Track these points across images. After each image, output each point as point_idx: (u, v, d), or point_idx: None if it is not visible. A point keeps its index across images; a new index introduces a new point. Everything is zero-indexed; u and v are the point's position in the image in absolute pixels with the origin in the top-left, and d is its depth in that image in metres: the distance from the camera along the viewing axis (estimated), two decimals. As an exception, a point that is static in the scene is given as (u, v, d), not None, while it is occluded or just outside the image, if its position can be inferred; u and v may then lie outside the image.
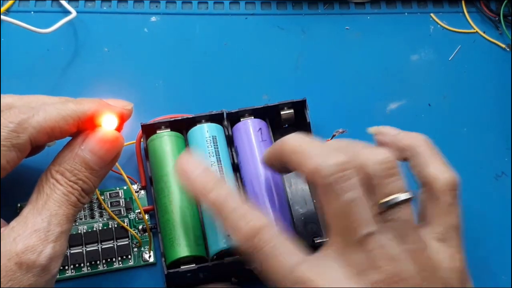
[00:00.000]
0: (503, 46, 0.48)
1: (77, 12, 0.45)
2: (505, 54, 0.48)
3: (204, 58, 0.46)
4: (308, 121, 0.40)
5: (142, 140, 0.39)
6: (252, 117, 0.40)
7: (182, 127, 0.39)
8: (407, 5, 0.49)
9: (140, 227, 0.38)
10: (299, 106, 0.40)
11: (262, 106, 0.40)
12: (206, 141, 0.38)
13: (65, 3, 0.46)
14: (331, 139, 0.39)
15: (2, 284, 0.28)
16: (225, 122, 0.40)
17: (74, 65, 0.44)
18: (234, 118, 0.40)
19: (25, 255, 0.28)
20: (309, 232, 0.38)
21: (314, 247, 0.33)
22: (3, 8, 0.45)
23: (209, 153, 0.38)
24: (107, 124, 0.32)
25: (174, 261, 0.34)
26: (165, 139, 0.38)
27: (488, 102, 0.45)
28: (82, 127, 0.32)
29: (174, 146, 0.38)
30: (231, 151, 0.39)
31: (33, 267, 0.28)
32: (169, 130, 0.39)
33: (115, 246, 0.37)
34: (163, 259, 0.35)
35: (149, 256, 0.37)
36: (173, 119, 0.39)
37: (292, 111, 0.40)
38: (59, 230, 0.30)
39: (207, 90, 0.44)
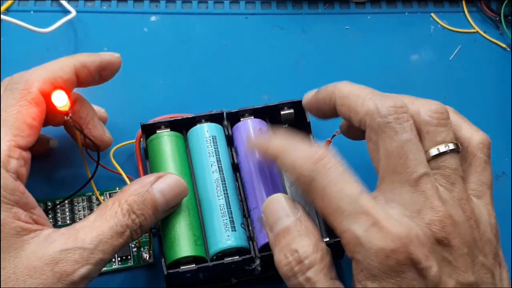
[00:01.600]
0: (504, 46, 0.48)
1: (77, 11, 0.45)
2: (506, 54, 0.48)
3: (204, 58, 0.46)
4: (308, 121, 0.40)
5: (141, 140, 0.39)
6: (252, 117, 0.39)
7: (182, 127, 0.39)
8: (407, 4, 0.49)
9: (140, 227, 0.38)
10: (299, 106, 0.40)
11: (262, 106, 0.40)
12: (206, 141, 0.38)
13: (64, 3, 0.46)
14: (331, 139, 0.39)
15: (32, 284, 0.28)
16: (225, 122, 0.40)
17: (74, 64, 0.44)
18: (234, 118, 0.40)
19: (62, 264, 0.28)
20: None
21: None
22: (2, 8, 0.45)
23: (209, 153, 0.37)
24: (58, 99, 0.33)
25: (174, 261, 0.34)
26: (165, 139, 0.38)
27: (489, 102, 0.45)
28: (81, 78, 0.35)
29: (174, 146, 0.38)
30: (231, 151, 0.39)
31: (65, 279, 0.28)
32: (169, 130, 0.38)
33: (115, 246, 0.37)
34: (163, 259, 0.35)
35: (149, 257, 0.37)
36: (173, 119, 0.39)
37: (292, 111, 0.40)
38: (100, 257, 0.30)
39: (207, 90, 0.44)
